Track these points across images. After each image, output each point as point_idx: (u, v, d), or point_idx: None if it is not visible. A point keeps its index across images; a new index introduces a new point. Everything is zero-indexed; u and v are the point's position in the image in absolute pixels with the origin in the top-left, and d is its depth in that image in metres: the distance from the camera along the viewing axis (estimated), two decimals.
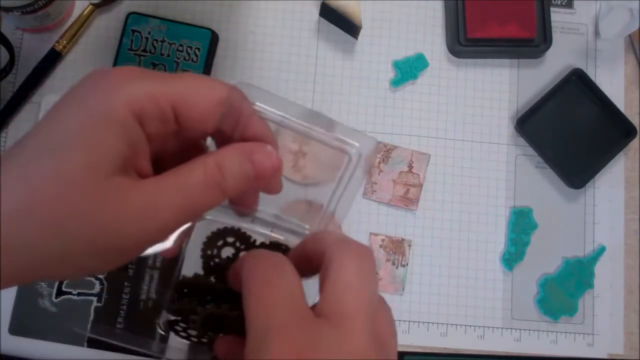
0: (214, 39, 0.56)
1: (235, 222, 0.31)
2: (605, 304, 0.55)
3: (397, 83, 0.57)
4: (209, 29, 0.56)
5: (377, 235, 0.55)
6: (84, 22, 0.56)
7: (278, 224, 0.32)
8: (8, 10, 0.50)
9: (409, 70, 0.57)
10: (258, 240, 0.31)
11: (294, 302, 0.24)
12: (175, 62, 0.55)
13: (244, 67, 0.57)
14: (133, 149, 0.26)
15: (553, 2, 0.60)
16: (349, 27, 0.56)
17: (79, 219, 0.24)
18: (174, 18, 0.56)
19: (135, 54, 0.55)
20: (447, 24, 0.58)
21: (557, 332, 0.55)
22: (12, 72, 0.54)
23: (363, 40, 0.58)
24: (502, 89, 0.58)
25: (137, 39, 0.55)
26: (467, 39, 0.57)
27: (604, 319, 0.55)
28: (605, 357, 0.55)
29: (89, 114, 0.25)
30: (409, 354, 0.54)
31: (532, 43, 0.57)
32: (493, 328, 0.54)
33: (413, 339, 0.54)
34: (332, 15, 0.56)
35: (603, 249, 0.56)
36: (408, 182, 0.56)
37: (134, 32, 0.55)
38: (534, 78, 0.59)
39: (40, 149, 0.25)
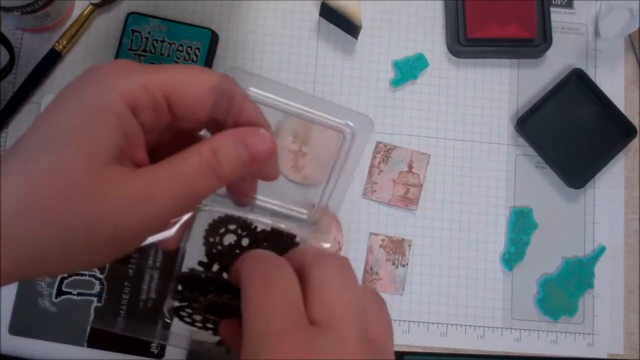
0: (214, 39, 0.56)
1: (235, 211, 0.31)
2: (605, 304, 0.55)
3: (397, 83, 0.57)
4: (209, 29, 0.56)
5: (377, 235, 0.55)
6: (84, 22, 0.56)
7: (277, 211, 0.32)
8: (8, 10, 0.50)
9: (409, 70, 0.57)
10: (259, 227, 0.31)
11: (292, 306, 0.24)
12: (175, 62, 0.55)
13: (244, 67, 0.57)
14: (128, 139, 0.26)
15: (553, 2, 0.60)
16: (349, 27, 0.56)
17: (78, 211, 0.24)
18: (174, 18, 0.56)
19: (135, 54, 0.55)
20: (447, 24, 0.58)
21: (557, 332, 0.55)
22: (12, 72, 0.54)
23: (363, 40, 0.58)
24: (502, 89, 0.58)
25: (137, 39, 0.55)
26: (467, 39, 0.57)
27: (604, 319, 0.55)
28: (605, 357, 0.55)
29: (85, 108, 0.25)
30: (409, 354, 0.54)
31: (532, 43, 0.57)
32: (493, 328, 0.54)
33: (413, 339, 0.54)
34: (332, 15, 0.56)
35: (603, 249, 0.56)
36: (408, 182, 0.56)
37: (134, 32, 0.55)
38: (534, 78, 0.59)
39: (38, 145, 0.25)
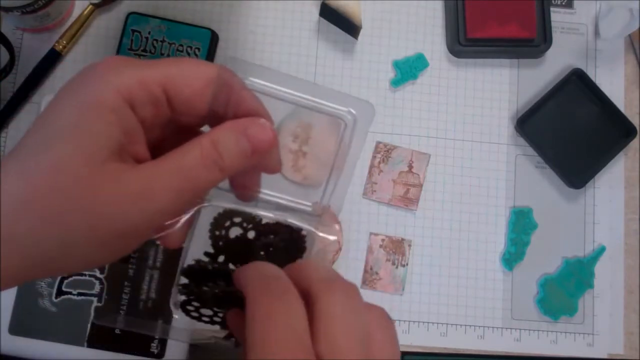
0: (214, 39, 0.56)
1: (239, 206, 0.31)
2: (605, 304, 0.55)
3: (397, 83, 0.57)
4: (209, 29, 0.56)
5: (377, 235, 0.55)
6: (84, 22, 0.56)
7: (282, 205, 0.32)
8: (8, 10, 0.50)
9: (409, 70, 0.57)
10: (264, 220, 0.31)
11: (297, 340, 0.23)
12: None
13: None
14: (127, 135, 0.26)
15: (553, 2, 0.60)
16: (349, 27, 0.56)
17: (77, 209, 0.24)
18: (174, 18, 0.56)
19: (136, 54, 0.55)
20: (447, 24, 0.58)
21: (557, 332, 0.55)
22: (12, 72, 0.54)
23: (363, 40, 0.58)
24: (502, 89, 0.58)
25: (137, 39, 0.55)
26: (467, 39, 0.57)
27: (604, 319, 0.55)
28: (605, 357, 0.55)
29: (82, 106, 0.25)
30: (409, 354, 0.54)
31: (532, 43, 0.57)
32: (493, 328, 0.54)
33: (413, 339, 0.54)
34: (332, 15, 0.56)
35: (603, 249, 0.56)
36: (408, 182, 0.56)
37: (134, 32, 0.55)
38: (534, 78, 0.59)
39: (38, 145, 0.25)
